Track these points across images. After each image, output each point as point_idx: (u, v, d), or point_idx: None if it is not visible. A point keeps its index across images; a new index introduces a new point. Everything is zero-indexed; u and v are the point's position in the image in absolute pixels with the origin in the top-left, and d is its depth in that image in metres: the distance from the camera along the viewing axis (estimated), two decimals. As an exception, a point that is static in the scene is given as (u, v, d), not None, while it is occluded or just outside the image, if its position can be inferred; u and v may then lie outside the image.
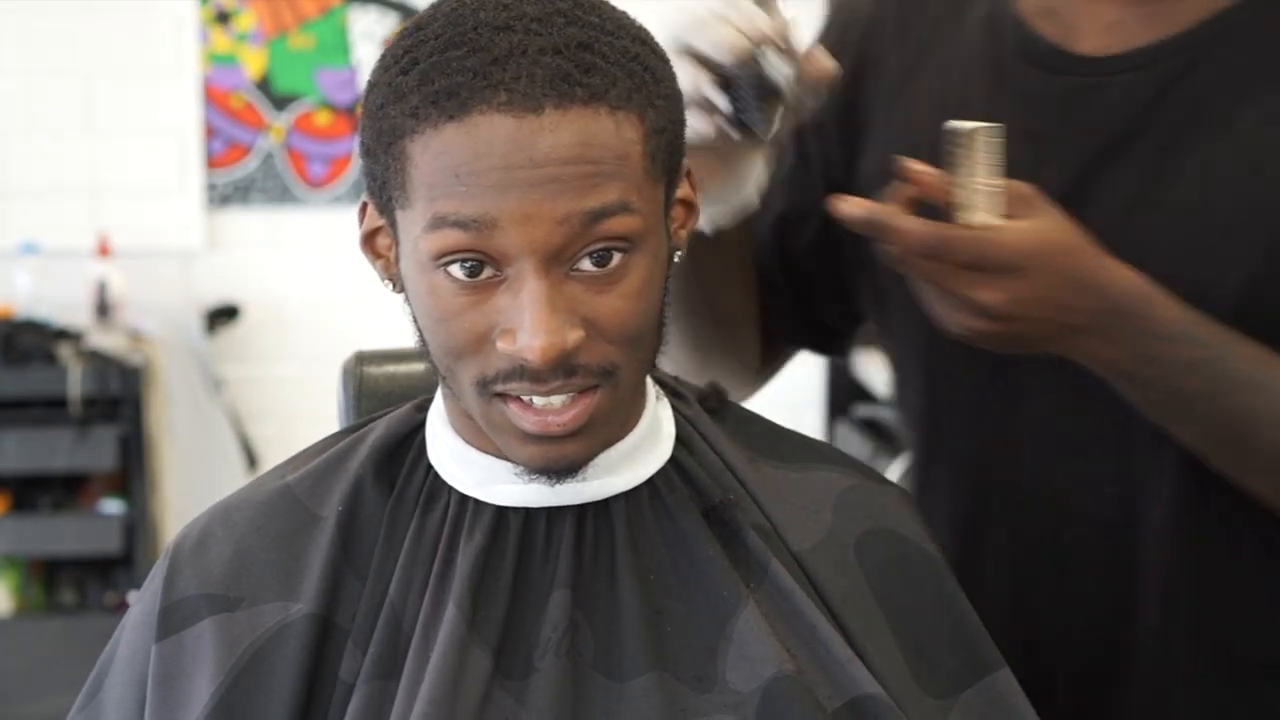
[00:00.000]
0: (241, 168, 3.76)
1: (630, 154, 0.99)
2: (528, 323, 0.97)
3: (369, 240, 1.07)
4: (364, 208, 1.07)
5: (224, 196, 3.75)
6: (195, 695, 1.05)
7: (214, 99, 3.74)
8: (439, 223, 0.97)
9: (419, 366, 1.29)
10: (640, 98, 0.99)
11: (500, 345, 0.99)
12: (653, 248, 1.02)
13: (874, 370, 3.72)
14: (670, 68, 1.04)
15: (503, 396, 1.01)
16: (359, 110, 1.07)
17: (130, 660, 1.09)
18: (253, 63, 3.75)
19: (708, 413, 1.16)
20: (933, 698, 1.10)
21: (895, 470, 3.12)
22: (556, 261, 0.97)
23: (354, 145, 3.76)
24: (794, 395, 3.82)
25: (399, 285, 1.06)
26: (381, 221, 1.05)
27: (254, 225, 3.78)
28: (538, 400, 1.00)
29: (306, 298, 3.80)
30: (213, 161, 3.75)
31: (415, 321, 1.05)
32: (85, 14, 3.69)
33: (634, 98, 0.99)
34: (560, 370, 0.98)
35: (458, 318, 0.99)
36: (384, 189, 1.01)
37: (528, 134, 0.95)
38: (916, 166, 1.12)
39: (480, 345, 1.00)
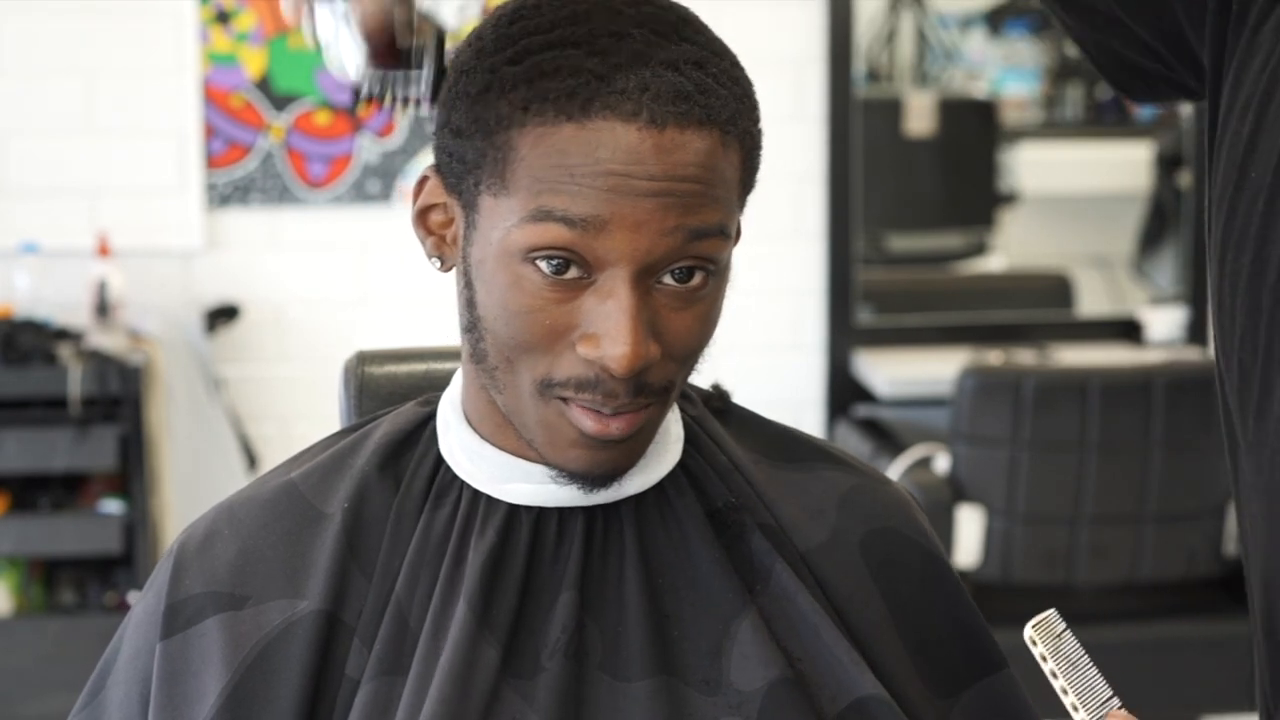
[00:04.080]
0: (241, 167, 3.75)
1: (731, 179, 1.00)
2: (614, 330, 0.97)
3: (422, 216, 1.07)
4: (422, 182, 1.06)
5: (224, 196, 3.75)
6: (203, 693, 1.05)
7: (214, 99, 3.73)
8: (543, 216, 0.97)
9: (420, 366, 1.30)
10: (743, 123, 1.00)
11: (581, 350, 0.99)
12: (727, 272, 1.03)
13: (874, 370, 3.72)
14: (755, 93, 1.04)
15: (564, 398, 1.01)
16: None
17: (133, 658, 1.09)
18: (253, 62, 3.74)
19: (713, 414, 1.16)
20: (936, 697, 1.11)
21: (895, 470, 3.12)
22: (648, 273, 0.98)
23: (354, 145, 3.77)
24: (794, 395, 3.81)
25: (448, 265, 1.06)
26: (442, 199, 1.05)
27: (254, 225, 3.77)
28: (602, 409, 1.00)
29: (306, 298, 3.80)
30: (212, 161, 3.75)
31: (472, 308, 1.03)
32: (86, 14, 3.68)
33: (739, 123, 1.00)
34: (633, 385, 0.99)
35: (539, 313, 0.99)
36: (471, 173, 1.01)
37: (649, 148, 0.96)
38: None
39: (554, 344, 1.00)
